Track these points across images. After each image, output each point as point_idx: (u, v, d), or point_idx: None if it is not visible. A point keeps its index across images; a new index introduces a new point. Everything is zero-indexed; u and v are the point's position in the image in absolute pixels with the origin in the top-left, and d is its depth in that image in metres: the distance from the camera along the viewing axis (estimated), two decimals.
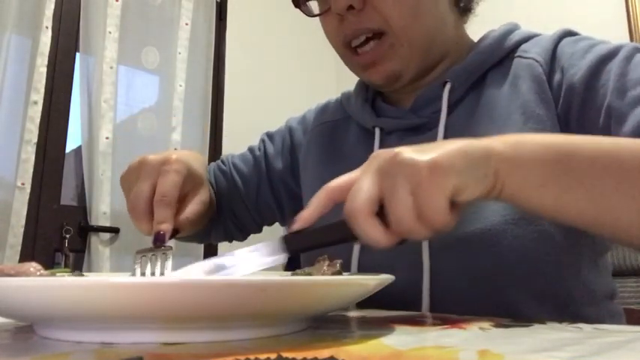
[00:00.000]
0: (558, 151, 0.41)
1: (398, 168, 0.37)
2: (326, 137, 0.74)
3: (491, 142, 0.41)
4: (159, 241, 0.50)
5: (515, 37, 0.64)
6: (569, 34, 0.62)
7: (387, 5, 0.59)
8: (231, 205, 0.80)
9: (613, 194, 0.40)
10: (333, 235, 0.41)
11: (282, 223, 0.86)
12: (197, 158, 0.62)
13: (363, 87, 0.72)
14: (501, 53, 0.63)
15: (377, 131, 0.66)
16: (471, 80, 0.62)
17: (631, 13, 1.72)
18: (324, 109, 0.80)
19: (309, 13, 0.66)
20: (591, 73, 0.55)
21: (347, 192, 0.39)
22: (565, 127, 0.57)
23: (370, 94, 0.71)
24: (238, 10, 2.36)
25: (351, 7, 0.59)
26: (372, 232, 0.37)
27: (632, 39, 1.67)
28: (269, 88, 2.31)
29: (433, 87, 0.63)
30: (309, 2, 0.66)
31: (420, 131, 0.63)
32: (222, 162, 0.83)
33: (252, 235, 0.85)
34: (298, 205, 0.77)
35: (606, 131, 0.52)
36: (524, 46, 0.63)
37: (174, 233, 0.54)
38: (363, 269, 0.59)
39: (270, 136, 0.82)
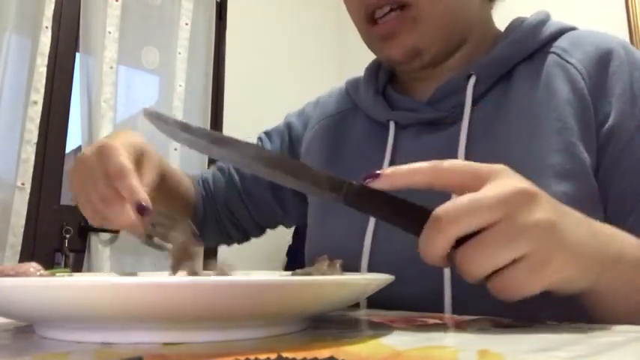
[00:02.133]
0: None
1: (542, 234, 0.33)
2: (330, 132, 0.70)
3: (626, 251, 0.39)
4: (144, 211, 0.46)
5: (548, 29, 0.58)
6: (619, 46, 0.55)
7: None
8: (228, 202, 0.76)
9: None
10: (400, 215, 0.36)
11: (287, 225, 0.82)
12: (129, 133, 0.56)
13: (372, 75, 0.67)
14: (533, 46, 0.58)
15: (391, 125, 0.61)
16: (499, 74, 0.57)
17: (631, 14, 1.72)
18: (326, 102, 0.75)
19: None
20: None
21: (458, 183, 0.35)
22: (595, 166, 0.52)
23: (381, 84, 0.66)
24: (238, 10, 2.36)
25: None
26: (439, 246, 0.33)
27: (632, 40, 1.66)
28: (269, 88, 2.31)
29: (455, 79, 0.58)
30: None
31: (440, 127, 0.58)
32: (223, 161, 0.79)
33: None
34: (303, 204, 0.74)
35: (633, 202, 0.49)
36: (561, 43, 0.58)
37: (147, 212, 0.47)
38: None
39: (267, 134, 0.78)
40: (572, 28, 0.60)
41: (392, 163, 0.59)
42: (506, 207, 0.32)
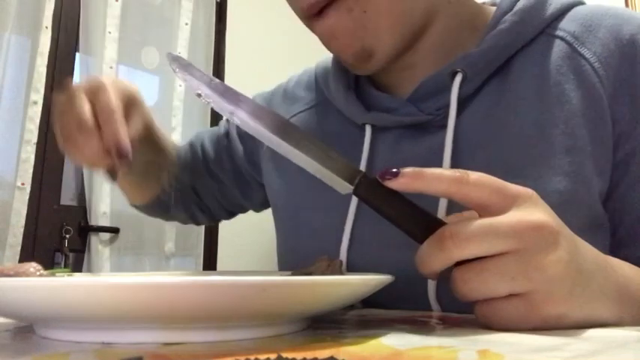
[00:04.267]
0: None
1: (554, 278, 0.30)
2: None
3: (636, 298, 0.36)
4: (123, 153, 0.46)
5: (550, 7, 0.49)
6: None
7: None
8: (193, 179, 0.72)
9: None
10: (409, 218, 0.34)
11: (256, 210, 0.78)
12: (127, 82, 0.56)
13: (341, 66, 0.58)
14: (533, 32, 0.48)
15: (368, 129, 0.53)
16: (490, 70, 0.49)
17: None
18: (294, 93, 0.66)
19: None
20: None
21: (480, 201, 0.32)
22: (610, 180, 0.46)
23: (352, 78, 0.58)
24: (238, 10, 2.37)
25: None
26: (439, 265, 0.32)
27: None
28: (269, 88, 2.30)
29: (439, 75, 0.49)
30: None
31: (423, 132, 0.51)
32: (196, 136, 0.76)
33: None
34: (265, 196, 0.70)
35: None
36: (569, 25, 0.48)
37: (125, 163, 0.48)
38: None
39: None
40: (579, 2, 0.51)
41: (368, 172, 0.51)
42: (521, 240, 0.30)
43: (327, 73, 0.60)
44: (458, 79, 0.48)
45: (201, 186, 0.73)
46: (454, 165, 0.47)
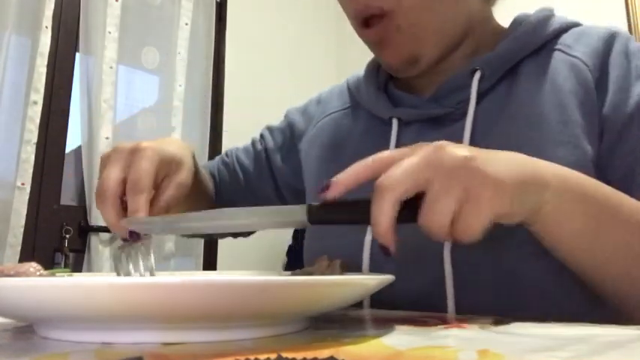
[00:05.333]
0: (601, 206, 0.43)
1: (466, 173, 0.37)
2: (331, 131, 0.69)
3: (545, 171, 0.42)
4: (134, 233, 0.48)
5: (553, 25, 0.59)
6: (620, 35, 0.57)
7: None
8: (233, 199, 0.77)
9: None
10: (357, 212, 0.39)
11: None
12: (172, 142, 0.57)
13: (373, 72, 0.67)
14: (538, 42, 0.58)
15: (394, 122, 0.61)
16: (504, 69, 0.57)
17: (631, 14, 1.72)
18: (327, 99, 0.75)
19: None
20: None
21: (388, 164, 0.38)
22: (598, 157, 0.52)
23: (382, 80, 0.66)
24: (238, 10, 2.36)
25: None
26: (387, 210, 0.36)
27: None
28: (269, 88, 2.30)
29: (460, 75, 0.58)
30: None
31: (443, 123, 0.58)
32: (227, 155, 0.80)
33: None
34: (302, 202, 0.76)
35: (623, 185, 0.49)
36: (565, 39, 0.58)
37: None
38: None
39: (270, 130, 0.78)
40: (577, 24, 0.60)
41: None
42: (428, 162, 0.37)
43: (358, 82, 0.69)
44: (477, 75, 0.57)
45: (241, 203, 0.75)
46: (472, 145, 0.53)
